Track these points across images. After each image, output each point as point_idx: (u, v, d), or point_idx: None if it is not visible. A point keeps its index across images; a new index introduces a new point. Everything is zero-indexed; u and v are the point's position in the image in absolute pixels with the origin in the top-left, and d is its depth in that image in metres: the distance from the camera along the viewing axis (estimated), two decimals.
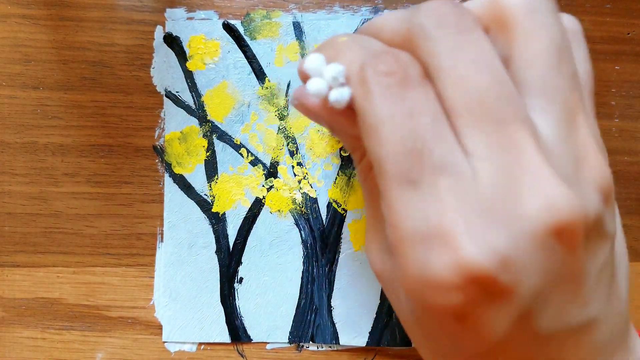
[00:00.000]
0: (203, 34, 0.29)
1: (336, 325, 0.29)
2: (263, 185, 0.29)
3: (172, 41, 0.29)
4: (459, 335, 0.15)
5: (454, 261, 0.13)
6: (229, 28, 0.29)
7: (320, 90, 0.16)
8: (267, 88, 0.29)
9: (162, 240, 0.29)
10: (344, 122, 0.17)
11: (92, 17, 0.29)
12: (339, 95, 0.16)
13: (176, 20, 0.29)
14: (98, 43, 0.29)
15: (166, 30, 0.29)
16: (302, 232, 0.29)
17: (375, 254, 0.18)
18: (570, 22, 0.17)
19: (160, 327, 0.29)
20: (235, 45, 0.29)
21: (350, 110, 0.16)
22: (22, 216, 0.29)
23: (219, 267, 0.29)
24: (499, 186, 0.14)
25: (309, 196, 0.29)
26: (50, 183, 0.29)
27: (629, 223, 0.31)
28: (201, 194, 0.29)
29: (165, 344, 0.29)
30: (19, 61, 0.29)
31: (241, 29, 0.29)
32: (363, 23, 0.30)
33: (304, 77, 0.17)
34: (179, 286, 0.29)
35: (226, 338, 0.29)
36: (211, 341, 0.29)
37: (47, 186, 0.29)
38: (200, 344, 0.29)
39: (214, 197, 0.29)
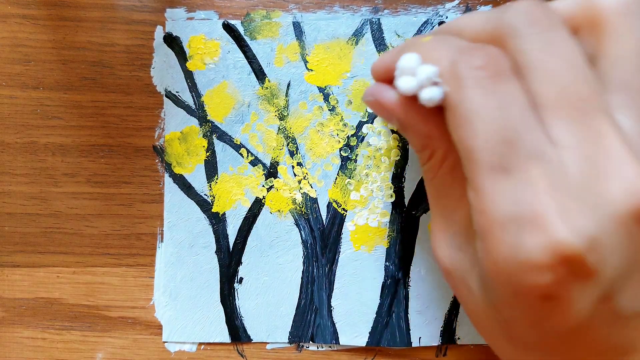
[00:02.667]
0: (203, 34, 0.29)
1: (336, 325, 0.29)
2: (263, 186, 0.29)
3: (172, 41, 0.29)
4: (544, 316, 0.16)
5: (547, 242, 0.14)
6: (229, 28, 0.29)
7: (411, 88, 0.17)
8: (267, 88, 0.29)
9: (162, 240, 0.29)
10: (420, 120, 0.18)
11: (92, 17, 0.29)
12: (432, 94, 0.16)
13: (176, 20, 0.29)
14: (98, 43, 0.29)
15: (166, 30, 0.29)
16: (302, 232, 0.29)
17: (444, 250, 0.19)
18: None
19: (160, 327, 0.29)
20: (235, 45, 0.29)
21: (425, 109, 0.17)
22: (22, 216, 0.29)
23: (219, 267, 0.29)
24: (586, 173, 0.15)
25: (309, 196, 0.29)
26: (50, 183, 0.29)
27: None
28: (201, 194, 0.29)
29: (165, 344, 0.29)
30: (19, 61, 0.29)
31: (241, 29, 0.29)
32: (363, 23, 0.30)
33: (379, 75, 0.19)
34: (179, 286, 0.29)
35: (226, 338, 0.29)
36: (211, 341, 0.29)
37: (47, 186, 0.29)
38: (200, 344, 0.29)
39: (214, 197, 0.29)
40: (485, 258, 0.16)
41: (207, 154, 0.29)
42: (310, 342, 0.29)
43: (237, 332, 0.29)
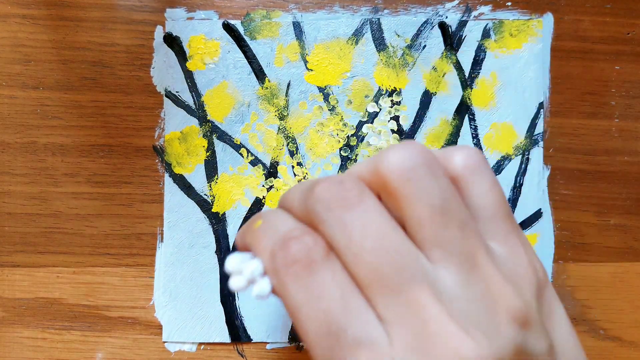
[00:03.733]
0: (203, 34, 0.29)
1: None
2: (263, 185, 0.29)
3: (172, 41, 0.29)
4: None
5: None
6: (229, 28, 0.29)
7: (241, 287, 0.17)
8: (267, 88, 0.29)
9: (162, 240, 0.29)
10: None
11: (92, 17, 0.29)
12: (260, 291, 0.17)
13: (176, 20, 0.29)
14: (98, 43, 0.29)
15: (166, 30, 0.29)
16: None
17: None
18: (467, 157, 0.17)
19: (160, 327, 0.29)
20: (235, 45, 0.29)
21: None
22: (22, 216, 0.29)
23: (219, 267, 0.29)
24: (413, 349, 0.14)
25: None
26: (50, 183, 0.29)
27: (629, 223, 0.31)
28: (201, 194, 0.29)
29: (165, 344, 0.29)
30: (19, 61, 0.29)
31: (241, 29, 0.29)
32: (363, 23, 0.30)
33: (242, 248, 0.19)
34: (179, 286, 0.29)
35: (226, 338, 0.29)
36: (211, 341, 0.29)
37: (47, 186, 0.29)
38: (200, 344, 0.29)
39: (214, 197, 0.29)
40: None
41: (207, 154, 0.29)
42: None
43: (237, 332, 0.29)
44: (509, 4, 0.30)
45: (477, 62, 0.30)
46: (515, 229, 0.18)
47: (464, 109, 0.30)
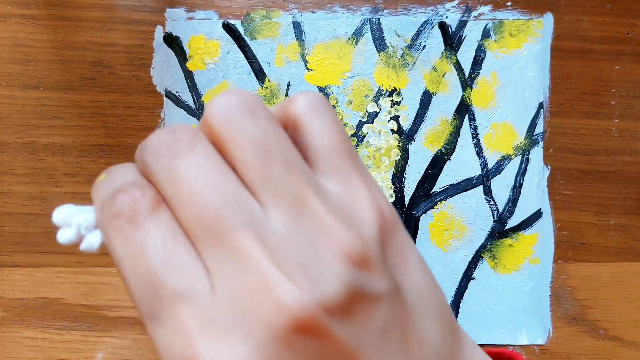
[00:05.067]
0: (203, 34, 0.29)
1: None
2: None
3: (172, 41, 0.29)
4: None
5: None
6: (229, 28, 0.29)
7: (69, 240, 0.17)
8: (267, 88, 0.29)
9: None
10: None
11: (92, 17, 0.29)
12: (88, 245, 0.16)
13: (176, 20, 0.29)
14: (98, 43, 0.29)
15: (166, 30, 0.29)
16: None
17: None
18: (306, 99, 0.17)
19: None
20: (235, 45, 0.29)
21: None
22: (22, 216, 0.29)
23: None
24: (234, 298, 0.14)
25: None
26: (50, 183, 0.29)
27: (629, 223, 0.31)
28: None
29: None
30: (19, 61, 0.29)
31: (241, 29, 0.29)
32: (363, 23, 0.30)
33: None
34: None
35: None
36: None
37: (47, 186, 0.29)
38: None
39: None
40: None
41: None
42: None
43: None
44: (509, 4, 0.30)
45: (477, 62, 0.30)
46: (358, 168, 0.17)
47: (464, 109, 0.30)
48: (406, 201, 0.29)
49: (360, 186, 0.16)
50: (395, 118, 0.30)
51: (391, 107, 0.30)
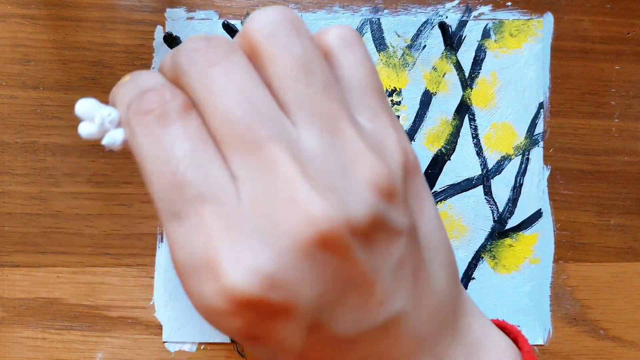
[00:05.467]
0: (203, 34, 0.29)
1: None
2: None
3: (172, 41, 0.29)
4: (263, 349, 0.15)
5: (219, 289, 0.14)
6: (229, 28, 0.29)
7: (90, 134, 0.16)
8: None
9: (162, 240, 0.29)
10: None
11: (92, 17, 0.29)
12: (111, 139, 0.16)
13: (176, 20, 0.29)
14: (98, 43, 0.29)
15: (166, 30, 0.29)
16: None
17: None
18: (340, 31, 0.17)
19: (160, 327, 0.29)
20: None
21: None
22: (22, 216, 0.29)
23: None
24: (260, 206, 0.14)
25: None
26: (50, 183, 0.29)
27: (629, 223, 0.31)
28: None
29: (165, 344, 0.29)
30: (19, 61, 0.29)
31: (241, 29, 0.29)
32: (363, 23, 0.30)
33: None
34: (179, 286, 0.29)
35: (226, 338, 0.29)
36: (211, 341, 0.29)
37: (47, 186, 0.29)
38: (200, 344, 0.29)
39: None
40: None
41: None
42: None
43: None
44: (509, 4, 0.30)
45: (477, 62, 0.30)
46: (386, 107, 0.17)
47: (464, 109, 0.30)
48: None
49: (388, 125, 0.16)
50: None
51: (391, 107, 0.30)
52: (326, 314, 0.15)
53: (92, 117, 0.16)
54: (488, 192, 0.30)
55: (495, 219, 0.30)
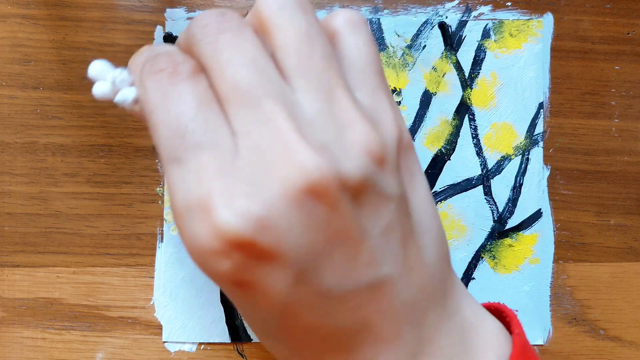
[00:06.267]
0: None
1: None
2: None
3: (172, 41, 0.29)
4: (250, 300, 0.16)
5: (212, 227, 0.14)
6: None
7: (104, 93, 0.18)
8: None
9: (162, 240, 0.29)
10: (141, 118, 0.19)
11: (92, 17, 0.29)
12: (123, 97, 0.18)
13: (176, 20, 0.29)
14: (98, 43, 0.29)
15: (166, 30, 0.29)
16: None
17: None
18: (347, 14, 0.18)
19: (160, 327, 0.29)
20: None
21: None
22: (22, 216, 0.29)
23: None
24: (255, 157, 0.15)
25: None
26: (50, 183, 0.29)
27: (629, 223, 0.31)
28: None
29: (165, 344, 0.29)
30: (19, 61, 0.29)
31: None
32: None
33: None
34: (179, 286, 0.29)
35: (226, 338, 0.29)
36: (211, 341, 0.29)
37: (47, 186, 0.29)
38: (200, 344, 0.29)
39: None
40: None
41: None
42: None
43: (237, 332, 0.29)
44: (509, 4, 0.30)
45: (477, 62, 0.30)
46: (385, 87, 0.18)
47: (464, 109, 0.30)
48: None
49: (385, 103, 0.17)
50: None
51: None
52: (312, 266, 0.15)
53: (105, 77, 0.18)
54: (488, 192, 0.30)
55: (495, 219, 0.30)
